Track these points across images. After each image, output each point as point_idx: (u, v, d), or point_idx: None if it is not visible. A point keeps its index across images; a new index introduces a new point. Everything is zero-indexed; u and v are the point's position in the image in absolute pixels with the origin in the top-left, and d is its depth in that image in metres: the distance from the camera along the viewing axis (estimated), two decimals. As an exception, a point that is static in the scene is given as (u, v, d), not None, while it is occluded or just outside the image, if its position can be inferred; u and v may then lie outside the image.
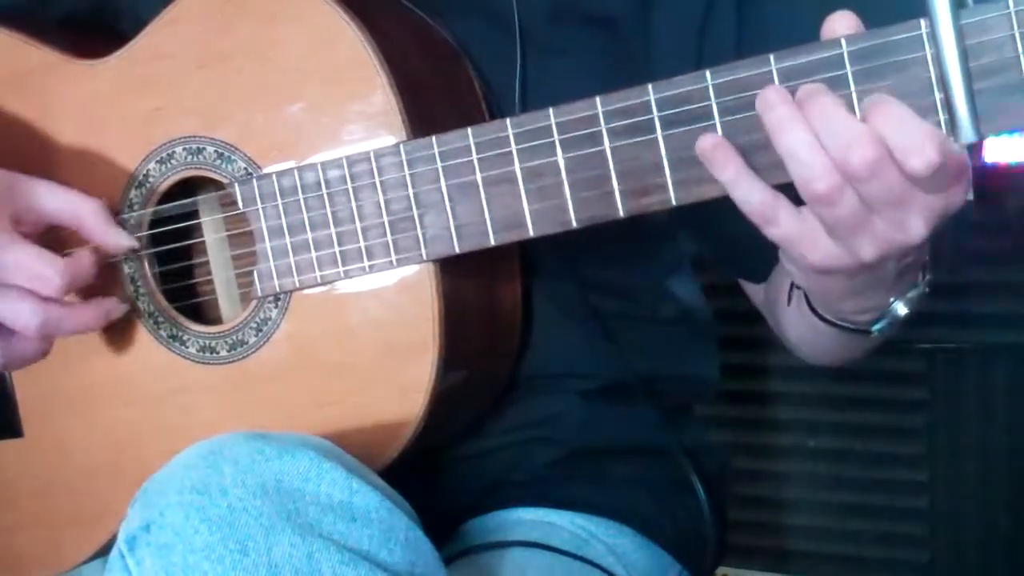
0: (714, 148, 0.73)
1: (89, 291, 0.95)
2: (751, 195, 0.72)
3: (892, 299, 0.83)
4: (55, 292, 0.89)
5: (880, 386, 2.03)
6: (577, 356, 1.02)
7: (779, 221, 0.72)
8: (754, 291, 1.07)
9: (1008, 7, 0.67)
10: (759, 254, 0.94)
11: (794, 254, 0.75)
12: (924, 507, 2.03)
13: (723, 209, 0.76)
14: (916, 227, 0.70)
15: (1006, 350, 1.94)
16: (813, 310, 0.87)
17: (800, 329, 0.96)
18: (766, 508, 2.17)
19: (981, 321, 1.94)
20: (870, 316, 0.85)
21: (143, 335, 0.99)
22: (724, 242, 1.05)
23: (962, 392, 1.98)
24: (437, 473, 1.01)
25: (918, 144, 0.66)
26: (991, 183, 1.84)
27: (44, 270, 0.89)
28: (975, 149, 0.71)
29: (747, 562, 2.16)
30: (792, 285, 0.93)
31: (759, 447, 2.16)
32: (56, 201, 0.93)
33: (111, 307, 0.95)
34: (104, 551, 0.99)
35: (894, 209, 0.69)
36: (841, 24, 0.71)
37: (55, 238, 0.97)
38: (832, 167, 0.68)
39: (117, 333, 0.99)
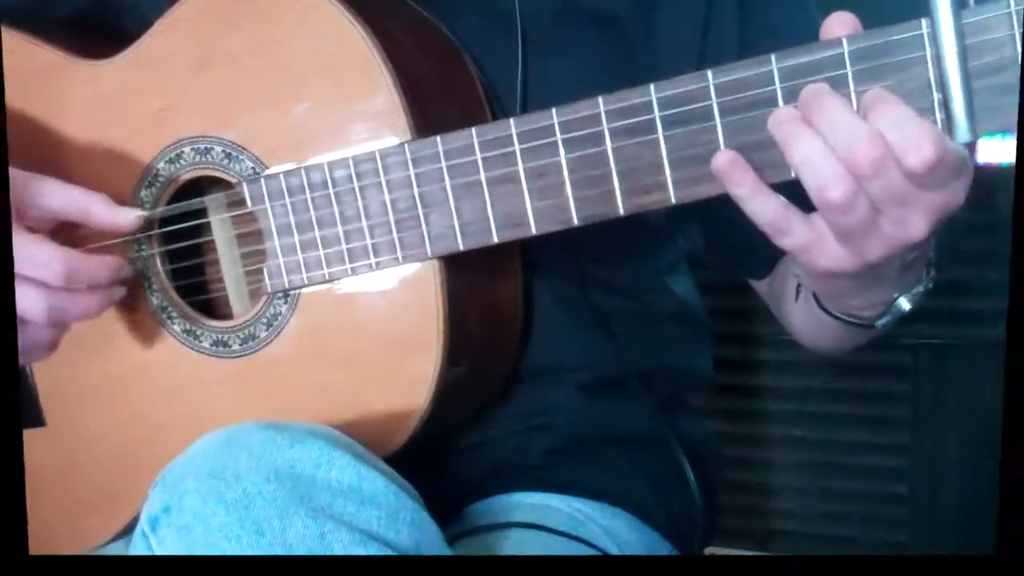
0: (730, 164, 0.73)
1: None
2: (765, 209, 0.73)
3: (896, 295, 0.84)
4: (57, 280, 0.89)
5: (865, 379, 2.06)
6: (576, 350, 1.03)
7: (792, 231, 0.73)
8: (758, 283, 1.08)
9: (1009, 6, 0.66)
10: (759, 253, 0.96)
11: (804, 260, 0.76)
12: (903, 492, 2.06)
13: (721, 212, 0.77)
14: (918, 225, 0.71)
15: (989, 346, 1.96)
16: (821, 306, 0.89)
17: (806, 322, 0.97)
18: (755, 493, 2.20)
19: (965, 318, 1.96)
20: (875, 311, 0.86)
21: (158, 330, 1.00)
22: (724, 243, 1.07)
23: (945, 385, 2.01)
24: (442, 461, 1.02)
25: (915, 142, 0.67)
26: (978, 183, 1.86)
27: (42, 257, 0.88)
28: (971, 149, 0.71)
29: (735, 543, 2.18)
30: (799, 283, 0.95)
31: (749, 437, 2.19)
32: (60, 198, 0.93)
33: (112, 289, 0.95)
34: (122, 536, 1.01)
35: (898, 207, 0.70)
36: (839, 26, 0.71)
37: (69, 239, 0.98)
38: (846, 173, 0.69)
39: (133, 328, 1.00)
